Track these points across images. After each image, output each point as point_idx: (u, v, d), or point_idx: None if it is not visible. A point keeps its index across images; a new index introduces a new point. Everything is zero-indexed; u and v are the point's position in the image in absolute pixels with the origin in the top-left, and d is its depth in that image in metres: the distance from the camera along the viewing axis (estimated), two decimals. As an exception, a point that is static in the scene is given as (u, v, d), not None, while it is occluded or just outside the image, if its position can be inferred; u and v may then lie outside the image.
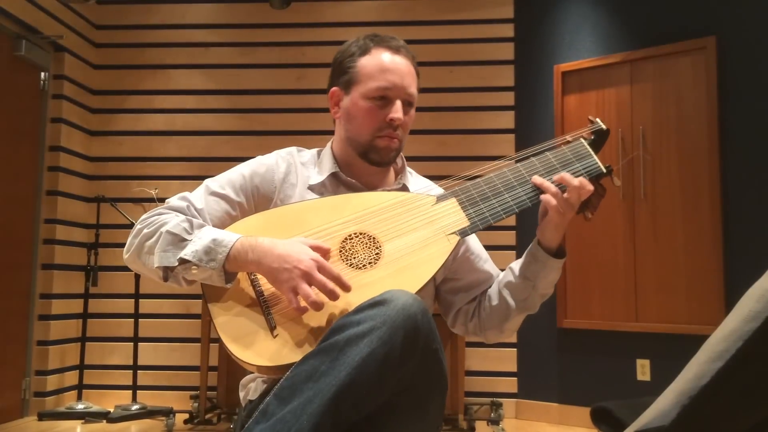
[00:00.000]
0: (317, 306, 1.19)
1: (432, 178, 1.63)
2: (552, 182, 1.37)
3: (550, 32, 4.16)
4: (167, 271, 1.29)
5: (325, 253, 1.27)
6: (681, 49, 3.63)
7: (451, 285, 1.54)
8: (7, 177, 3.85)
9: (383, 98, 1.42)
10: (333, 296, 1.20)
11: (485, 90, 4.31)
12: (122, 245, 4.44)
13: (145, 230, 1.33)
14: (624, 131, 3.76)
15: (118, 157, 4.44)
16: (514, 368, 4.11)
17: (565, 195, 1.35)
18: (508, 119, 4.29)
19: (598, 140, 1.46)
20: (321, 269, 1.21)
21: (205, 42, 4.48)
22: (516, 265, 1.47)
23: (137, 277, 4.07)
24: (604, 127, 1.46)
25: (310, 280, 1.20)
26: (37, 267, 4.06)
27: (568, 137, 1.46)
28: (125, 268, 4.22)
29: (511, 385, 4.10)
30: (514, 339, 4.06)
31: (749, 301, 0.69)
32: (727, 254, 3.42)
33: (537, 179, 1.38)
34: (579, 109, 3.97)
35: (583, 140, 1.45)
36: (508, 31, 4.34)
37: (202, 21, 4.51)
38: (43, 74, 4.13)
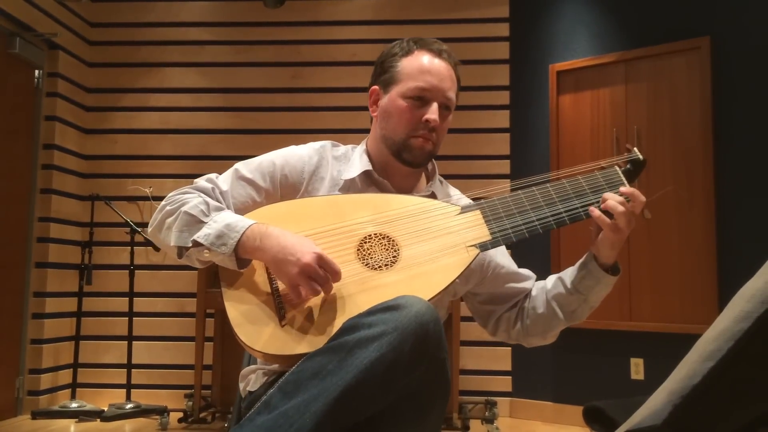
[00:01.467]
0: (316, 293, 1.23)
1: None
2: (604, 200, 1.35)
3: (545, 32, 4.16)
4: (182, 251, 1.34)
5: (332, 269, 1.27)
6: (675, 49, 3.64)
7: (486, 297, 1.54)
8: (1, 175, 3.84)
9: (421, 99, 1.44)
10: (327, 290, 1.24)
11: (480, 89, 4.31)
12: (116, 244, 4.43)
13: (168, 207, 1.38)
14: (618, 131, 3.77)
15: (112, 156, 4.43)
16: (508, 367, 4.12)
17: (620, 213, 1.32)
18: (503, 118, 4.30)
19: (634, 170, 1.43)
20: (322, 263, 1.23)
21: (199, 40, 4.47)
22: (567, 276, 1.46)
23: (131, 275, 4.06)
24: (641, 157, 1.43)
25: (310, 273, 1.22)
26: (31, 265, 4.04)
27: (603, 163, 1.43)
28: (119, 267, 4.22)
29: (505, 383, 4.11)
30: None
31: (740, 300, 0.69)
32: (720, 254, 3.43)
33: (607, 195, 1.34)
34: (574, 108, 3.98)
35: (617, 168, 1.42)
36: (504, 30, 4.34)
37: (196, 19, 4.50)
38: (37, 72, 4.12)
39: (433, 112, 1.43)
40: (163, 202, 1.40)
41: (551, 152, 3.99)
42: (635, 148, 1.44)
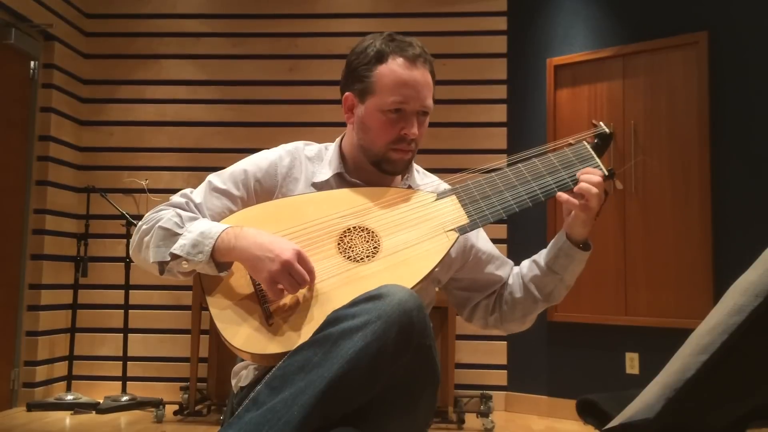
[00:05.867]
0: (295, 291, 1.24)
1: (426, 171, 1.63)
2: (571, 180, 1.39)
3: (543, 26, 4.15)
4: (162, 266, 1.33)
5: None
6: (673, 43, 3.64)
7: (465, 283, 1.56)
8: (-4, 166, 3.83)
9: (399, 111, 1.41)
10: (304, 287, 1.25)
11: (478, 83, 4.30)
12: (112, 236, 4.43)
13: (144, 226, 1.38)
14: (615, 125, 3.77)
15: (108, 148, 4.42)
16: (504, 361, 4.13)
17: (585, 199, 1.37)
18: (500, 112, 4.29)
19: (602, 144, 1.47)
20: (301, 260, 1.24)
21: (196, 32, 4.45)
22: (541, 259, 1.49)
23: (127, 267, 4.06)
24: (607, 130, 1.47)
25: (290, 269, 1.22)
26: (27, 257, 4.03)
27: (571, 140, 1.46)
28: (115, 259, 4.21)
29: (500, 377, 4.12)
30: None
31: (734, 294, 0.69)
32: (716, 248, 3.43)
33: (563, 196, 1.39)
34: (571, 103, 3.97)
35: (586, 143, 1.46)
36: (501, 24, 4.33)
37: (193, 11, 4.48)
38: (32, 63, 4.09)
39: (411, 126, 1.41)
40: (139, 223, 1.41)
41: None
42: (601, 123, 1.49)
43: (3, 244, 3.88)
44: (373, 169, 1.48)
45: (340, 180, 1.49)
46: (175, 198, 1.45)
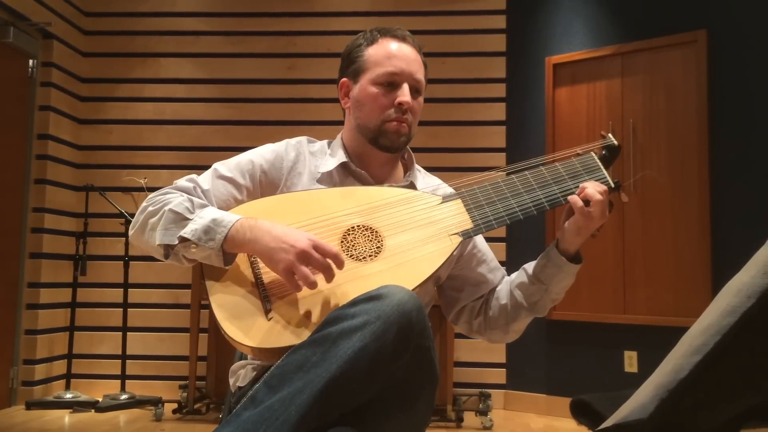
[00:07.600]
0: (313, 286, 1.20)
1: (426, 169, 1.63)
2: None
3: (542, 24, 4.15)
4: (168, 249, 1.32)
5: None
6: (672, 42, 3.64)
7: (458, 282, 1.55)
8: (-5, 165, 3.83)
9: (391, 84, 1.45)
10: (329, 274, 1.21)
11: (477, 81, 4.30)
12: (111, 234, 4.42)
13: (150, 208, 1.36)
14: (614, 124, 3.77)
15: (107, 146, 4.42)
16: (502, 359, 4.13)
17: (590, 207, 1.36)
18: (499, 111, 4.29)
19: (610, 156, 1.46)
20: (317, 248, 1.21)
21: (195, 30, 4.45)
22: (530, 266, 1.48)
23: (126, 266, 4.06)
24: (615, 143, 1.45)
25: (307, 259, 1.21)
26: (25, 256, 4.04)
27: (579, 150, 1.46)
28: (114, 258, 4.21)
29: (499, 376, 4.12)
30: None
31: (727, 295, 0.69)
32: (714, 247, 3.44)
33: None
34: (570, 101, 3.97)
35: (593, 154, 1.45)
36: (501, 22, 4.33)
37: (191, 9, 4.48)
38: (31, 61, 4.09)
39: (404, 94, 1.44)
40: (143, 204, 1.39)
41: (547, 145, 3.99)
42: (610, 134, 1.47)
43: (2, 243, 3.88)
44: (374, 153, 1.49)
45: (345, 170, 1.49)
46: (182, 182, 1.43)
